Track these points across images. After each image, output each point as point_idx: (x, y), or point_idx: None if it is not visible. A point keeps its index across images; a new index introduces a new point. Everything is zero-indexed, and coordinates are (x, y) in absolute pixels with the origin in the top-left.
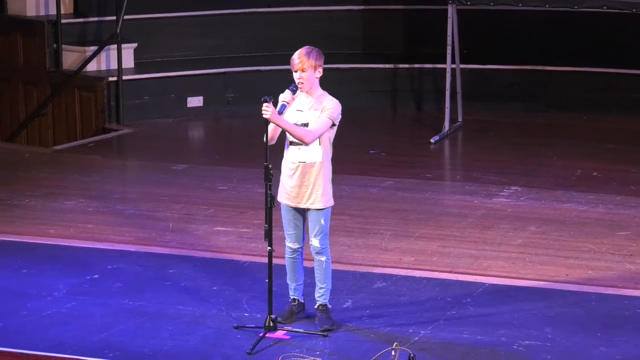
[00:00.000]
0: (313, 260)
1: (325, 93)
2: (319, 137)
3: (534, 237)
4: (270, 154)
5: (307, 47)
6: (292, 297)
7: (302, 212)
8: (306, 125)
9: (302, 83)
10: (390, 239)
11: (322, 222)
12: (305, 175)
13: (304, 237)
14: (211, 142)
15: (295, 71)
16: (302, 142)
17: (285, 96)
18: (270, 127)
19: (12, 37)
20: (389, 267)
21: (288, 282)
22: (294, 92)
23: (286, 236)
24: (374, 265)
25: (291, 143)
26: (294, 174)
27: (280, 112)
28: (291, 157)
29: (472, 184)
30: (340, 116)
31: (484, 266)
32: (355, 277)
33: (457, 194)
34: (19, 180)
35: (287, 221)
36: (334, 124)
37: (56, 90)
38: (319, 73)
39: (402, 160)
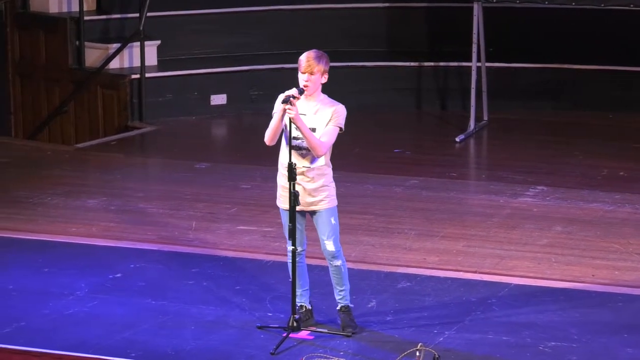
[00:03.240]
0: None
1: (327, 97)
2: None
3: (559, 237)
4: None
5: (316, 50)
6: (298, 304)
7: (304, 215)
8: (314, 130)
9: (308, 86)
10: (414, 238)
11: (333, 221)
12: (310, 180)
13: (305, 241)
14: (234, 140)
15: (303, 72)
16: (313, 152)
17: (291, 91)
18: (272, 124)
19: (35, 34)
20: (413, 267)
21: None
22: (300, 93)
23: (287, 240)
24: (398, 265)
25: (293, 148)
26: (298, 178)
27: (285, 102)
28: (295, 162)
29: (498, 184)
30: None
31: (509, 266)
32: (380, 277)
33: (482, 193)
34: (41, 178)
35: (288, 226)
36: (341, 130)
37: (78, 87)
38: (325, 79)
39: (426, 159)
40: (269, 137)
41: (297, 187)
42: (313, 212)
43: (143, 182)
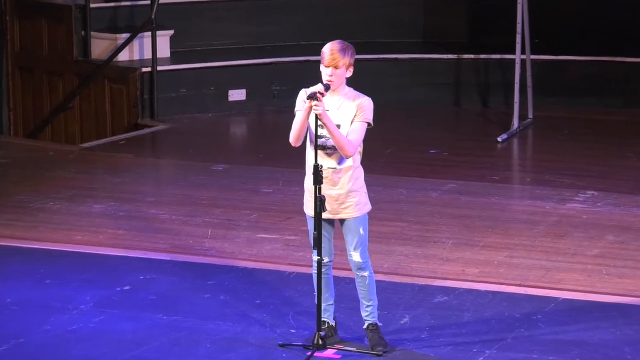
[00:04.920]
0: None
1: (352, 89)
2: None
3: (612, 247)
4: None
5: (341, 41)
6: (322, 320)
7: (332, 223)
8: (339, 127)
9: (332, 81)
10: (452, 248)
11: (361, 231)
12: (338, 183)
13: (333, 251)
14: (255, 139)
15: (327, 66)
16: (341, 152)
17: (316, 87)
18: (297, 122)
19: (37, 23)
20: (450, 279)
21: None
22: (326, 89)
23: (313, 250)
24: (434, 277)
25: (318, 147)
26: (324, 181)
27: (310, 98)
28: (321, 163)
29: (544, 188)
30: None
31: (557, 279)
32: (414, 291)
33: (527, 198)
34: (43, 181)
35: (313, 234)
36: (369, 125)
37: (84, 81)
38: (350, 73)
39: (465, 160)
40: (294, 136)
41: (323, 192)
42: (342, 220)
43: (154, 185)
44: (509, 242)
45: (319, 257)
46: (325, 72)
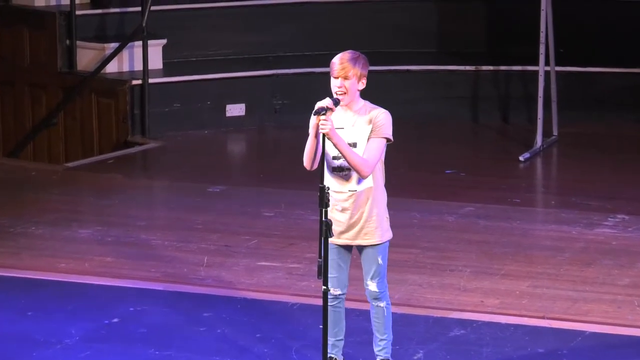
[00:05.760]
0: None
1: (368, 103)
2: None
3: None
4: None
5: (352, 51)
6: (329, 356)
7: (349, 250)
8: (354, 145)
9: (345, 93)
10: (470, 277)
11: (380, 260)
12: (356, 206)
13: (347, 282)
14: (255, 158)
15: (336, 77)
16: (357, 173)
17: (324, 102)
18: (308, 145)
19: (17, 32)
20: (468, 311)
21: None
22: (336, 104)
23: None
24: (450, 309)
25: (334, 169)
26: (340, 205)
27: (317, 113)
28: (335, 185)
29: (570, 211)
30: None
31: (584, 311)
32: (428, 323)
33: (552, 223)
34: (24, 204)
35: (329, 261)
36: (388, 141)
37: (69, 95)
38: (362, 85)
39: (484, 181)
40: (306, 159)
41: (340, 216)
42: (360, 248)
43: (146, 208)
44: (531, 270)
45: (325, 287)
46: (335, 84)
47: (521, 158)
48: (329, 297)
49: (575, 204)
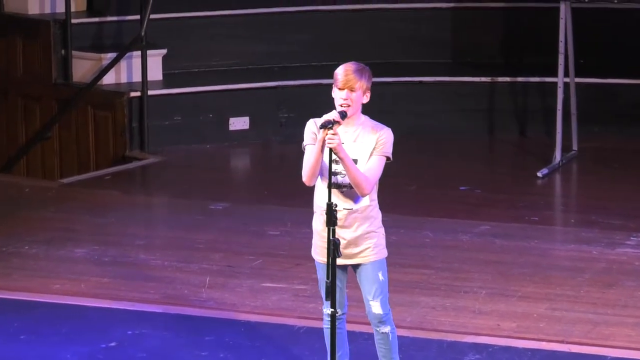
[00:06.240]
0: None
1: (368, 118)
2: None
3: None
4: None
5: (356, 62)
6: None
7: (345, 270)
8: (355, 162)
9: (349, 105)
10: (485, 299)
11: (381, 277)
12: (353, 225)
13: (346, 302)
14: (259, 174)
15: (341, 88)
16: (357, 190)
17: (330, 115)
18: (310, 158)
19: (10, 41)
20: (483, 335)
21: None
22: (342, 117)
23: (324, 301)
24: (464, 333)
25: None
26: (338, 223)
27: (324, 127)
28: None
29: (590, 230)
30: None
31: (605, 335)
32: (441, 348)
33: (571, 242)
34: (17, 222)
35: (324, 283)
36: (388, 159)
37: (64, 108)
38: (367, 98)
39: (501, 199)
40: (307, 174)
41: (336, 235)
42: (356, 266)
43: (145, 227)
44: (550, 292)
45: (332, 310)
46: (339, 96)
47: (539, 174)
48: (328, 318)
49: (596, 222)
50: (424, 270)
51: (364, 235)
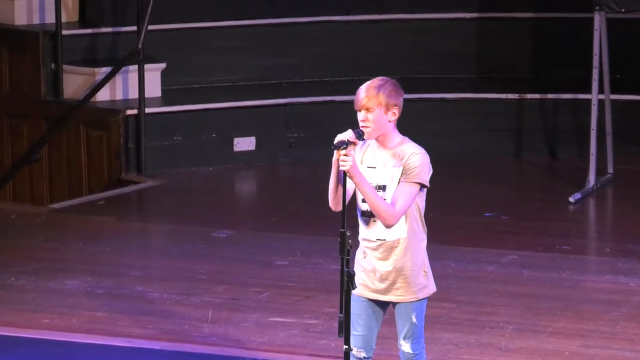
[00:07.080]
0: None
1: (406, 139)
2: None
3: None
4: (349, 217)
5: (380, 78)
6: None
7: (383, 307)
8: (382, 188)
9: (368, 127)
10: (512, 335)
11: (414, 319)
12: (388, 257)
13: (374, 344)
14: (266, 199)
15: (359, 110)
16: (378, 219)
17: (345, 134)
18: (331, 184)
19: None
20: None
21: None
22: (359, 136)
23: (351, 338)
24: None
25: (363, 213)
26: (370, 254)
27: (337, 148)
28: (364, 231)
29: (627, 260)
30: (431, 171)
31: None
32: None
33: (606, 273)
34: (3, 251)
35: (355, 317)
36: (423, 187)
37: (54, 127)
38: (393, 115)
39: (529, 226)
40: (330, 199)
41: (371, 266)
42: (394, 303)
43: (142, 256)
44: (583, 327)
45: (346, 347)
46: (358, 118)
47: (571, 199)
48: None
49: (633, 251)
50: (445, 303)
51: (400, 270)
